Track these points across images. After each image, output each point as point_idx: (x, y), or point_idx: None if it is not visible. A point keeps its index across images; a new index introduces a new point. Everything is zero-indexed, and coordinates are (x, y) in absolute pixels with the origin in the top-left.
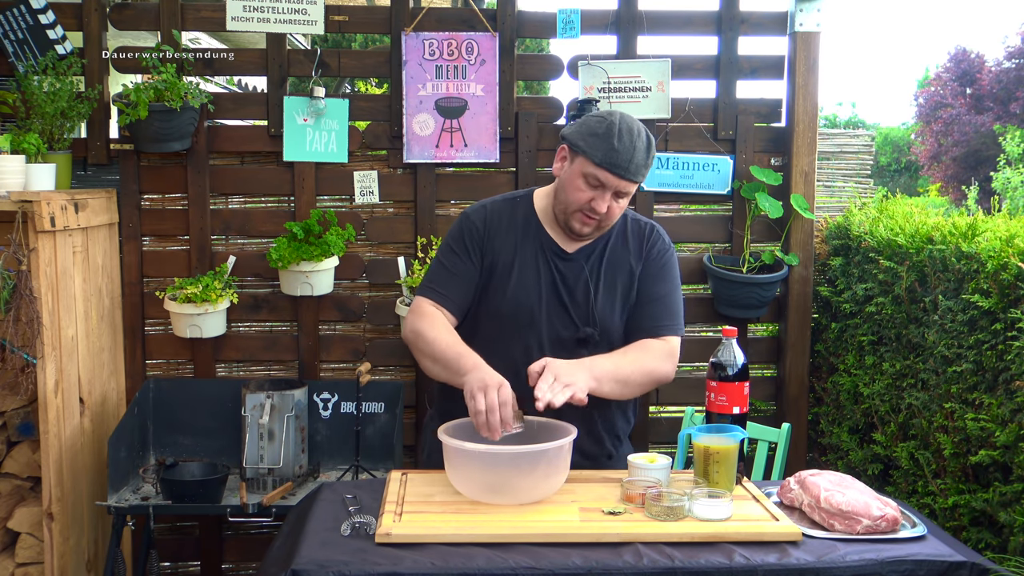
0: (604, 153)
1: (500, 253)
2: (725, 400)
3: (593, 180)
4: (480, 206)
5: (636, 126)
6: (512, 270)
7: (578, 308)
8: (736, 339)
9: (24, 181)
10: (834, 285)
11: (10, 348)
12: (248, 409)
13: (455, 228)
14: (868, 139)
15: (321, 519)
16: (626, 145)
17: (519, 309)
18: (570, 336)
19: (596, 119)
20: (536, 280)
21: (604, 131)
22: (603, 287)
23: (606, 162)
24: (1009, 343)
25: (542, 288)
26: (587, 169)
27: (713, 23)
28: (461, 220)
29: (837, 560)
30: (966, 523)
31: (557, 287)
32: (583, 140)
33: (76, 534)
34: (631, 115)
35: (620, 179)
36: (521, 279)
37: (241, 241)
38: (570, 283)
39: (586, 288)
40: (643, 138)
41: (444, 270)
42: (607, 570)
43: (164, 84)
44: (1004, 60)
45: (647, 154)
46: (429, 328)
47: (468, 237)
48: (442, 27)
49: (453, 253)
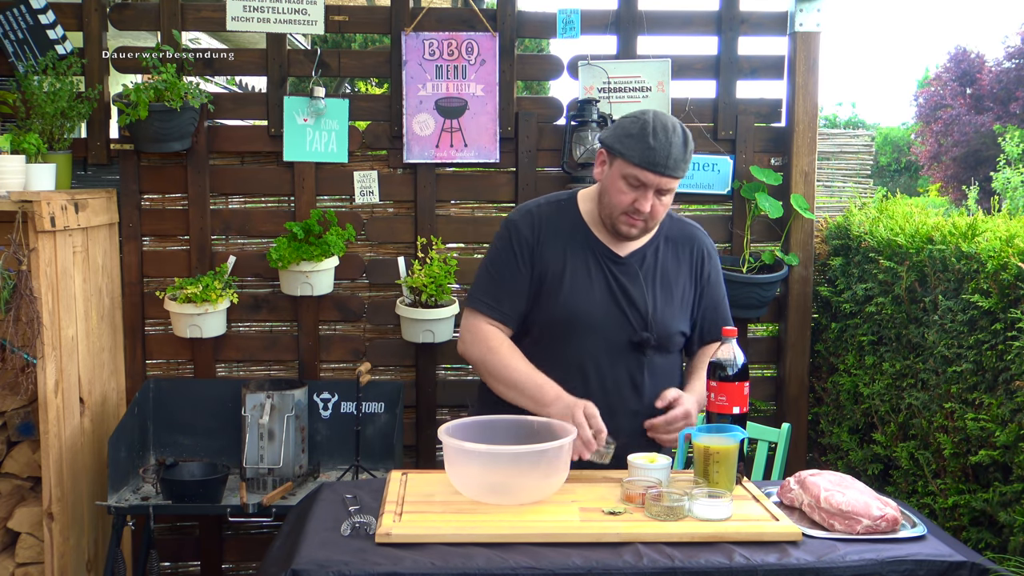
0: (641, 152)
1: (551, 259)
2: (725, 400)
3: (633, 180)
4: (526, 212)
5: (671, 122)
6: (564, 276)
7: (636, 312)
8: (736, 339)
9: (24, 181)
10: (834, 285)
11: (10, 348)
12: (248, 409)
13: (503, 236)
14: (868, 139)
15: (321, 519)
16: (662, 142)
17: (575, 315)
18: (626, 340)
19: (629, 120)
20: (590, 285)
21: (638, 131)
22: (660, 290)
23: (644, 161)
24: (1009, 343)
25: (597, 293)
26: (626, 170)
27: (713, 23)
28: (508, 227)
29: (837, 560)
30: (966, 523)
31: (614, 292)
32: (619, 142)
33: (76, 534)
34: (664, 112)
35: (660, 176)
36: (574, 285)
37: (241, 241)
38: (626, 287)
39: (642, 291)
40: (679, 133)
41: (495, 281)
42: (607, 570)
43: (164, 84)
44: (1004, 60)
45: (684, 148)
46: (497, 355)
47: (518, 245)
48: (442, 27)
49: (503, 263)
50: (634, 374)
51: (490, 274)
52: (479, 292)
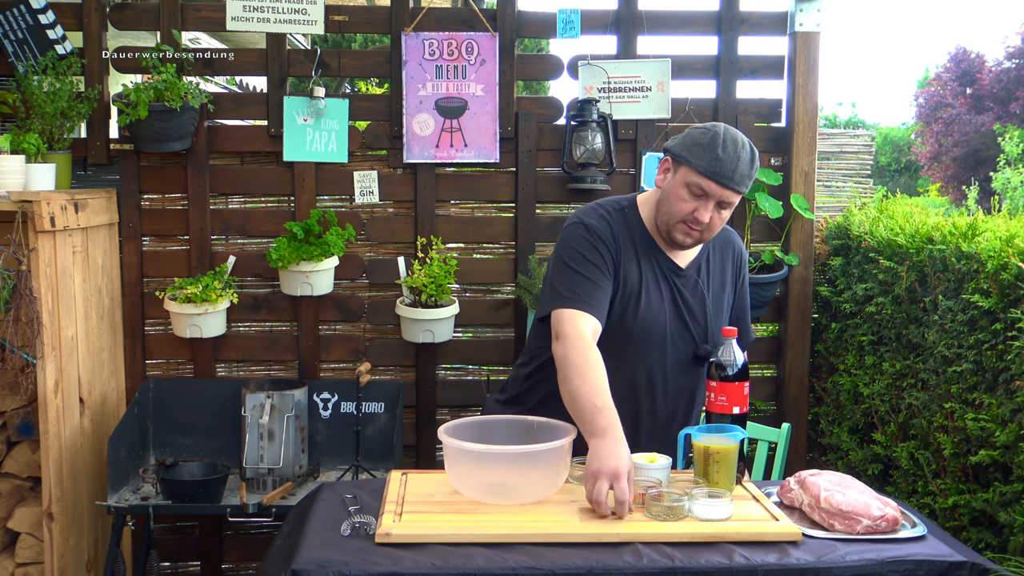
0: (708, 162)
1: (628, 268)
2: (725, 400)
3: (696, 189)
4: (600, 216)
5: (740, 137)
6: (641, 288)
7: (698, 326)
8: (736, 339)
9: (24, 181)
10: (834, 285)
11: (10, 348)
12: (248, 409)
13: (580, 237)
14: (868, 139)
15: (321, 519)
16: (730, 155)
17: (650, 329)
18: (689, 354)
19: (700, 131)
20: (661, 300)
21: (709, 141)
22: (713, 301)
23: (710, 171)
24: (1009, 343)
25: (667, 308)
26: (691, 179)
27: (713, 23)
28: (584, 229)
29: (837, 560)
30: (966, 523)
31: (679, 306)
32: (687, 150)
33: (76, 534)
34: (734, 127)
35: (724, 188)
36: (649, 298)
37: (241, 241)
38: (689, 301)
39: (703, 305)
40: (747, 149)
41: (585, 279)
42: (607, 570)
43: (164, 84)
44: (1004, 60)
45: (751, 165)
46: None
47: (602, 246)
48: (442, 27)
49: (589, 263)
50: (693, 386)
51: (576, 272)
52: (569, 291)
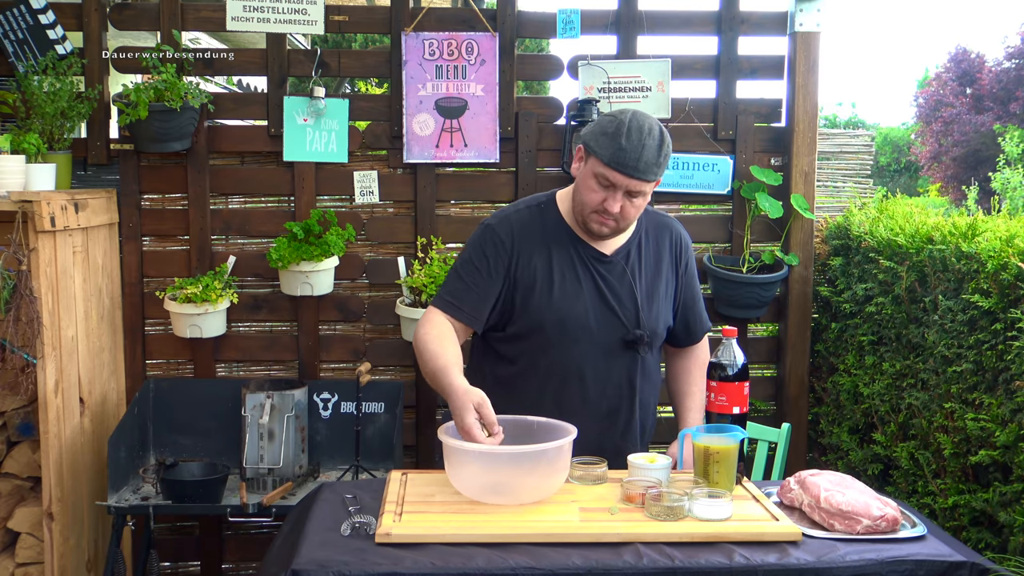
0: (612, 152)
1: (534, 265)
2: (725, 400)
3: (603, 180)
4: (504, 217)
5: (648, 123)
6: (552, 280)
7: (626, 311)
8: (736, 339)
9: (24, 181)
10: (834, 285)
11: (10, 348)
12: (248, 409)
13: (478, 240)
14: (868, 139)
15: (321, 519)
16: (634, 144)
17: (566, 319)
18: (619, 340)
19: (608, 118)
20: (578, 287)
21: (614, 130)
22: (645, 287)
23: (614, 161)
24: (1009, 343)
25: (587, 294)
26: (597, 169)
27: (713, 23)
28: (484, 232)
29: (837, 560)
30: (966, 523)
31: (602, 292)
32: (594, 140)
33: (76, 534)
34: (646, 113)
35: (629, 178)
36: (563, 287)
37: (241, 241)
38: (614, 286)
39: (631, 290)
40: (655, 136)
41: (462, 283)
42: (607, 570)
43: (164, 84)
44: (1004, 60)
45: (659, 152)
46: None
47: (492, 251)
48: (442, 27)
49: (474, 267)
50: (631, 373)
51: (459, 276)
52: (443, 291)
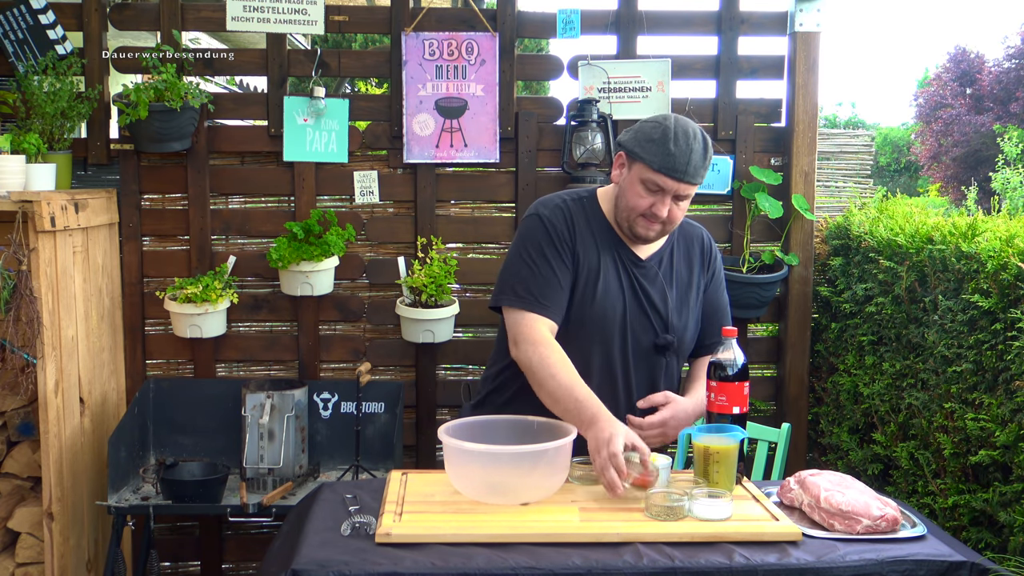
0: (661, 158)
1: (586, 258)
2: (725, 400)
3: (652, 185)
4: (555, 207)
5: (691, 128)
6: (598, 277)
7: (658, 315)
8: (736, 339)
9: (24, 181)
10: (834, 285)
11: (10, 348)
12: (248, 409)
13: (538, 229)
14: (868, 139)
15: (321, 519)
16: (682, 148)
17: (606, 318)
18: (650, 344)
19: (651, 124)
20: (619, 288)
21: (660, 136)
22: (677, 292)
23: (664, 167)
24: (1009, 343)
25: (626, 296)
26: (645, 175)
27: (713, 23)
28: (542, 221)
29: (837, 560)
30: (966, 523)
31: (638, 295)
32: (639, 146)
33: (76, 534)
34: (685, 118)
35: (679, 182)
36: (606, 286)
37: (241, 241)
38: (649, 290)
39: (663, 295)
40: (699, 139)
41: (541, 278)
42: (607, 570)
43: (164, 84)
44: (1004, 60)
45: (704, 155)
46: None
47: (558, 239)
48: (442, 27)
49: (545, 257)
50: (655, 377)
51: (531, 269)
52: (522, 289)
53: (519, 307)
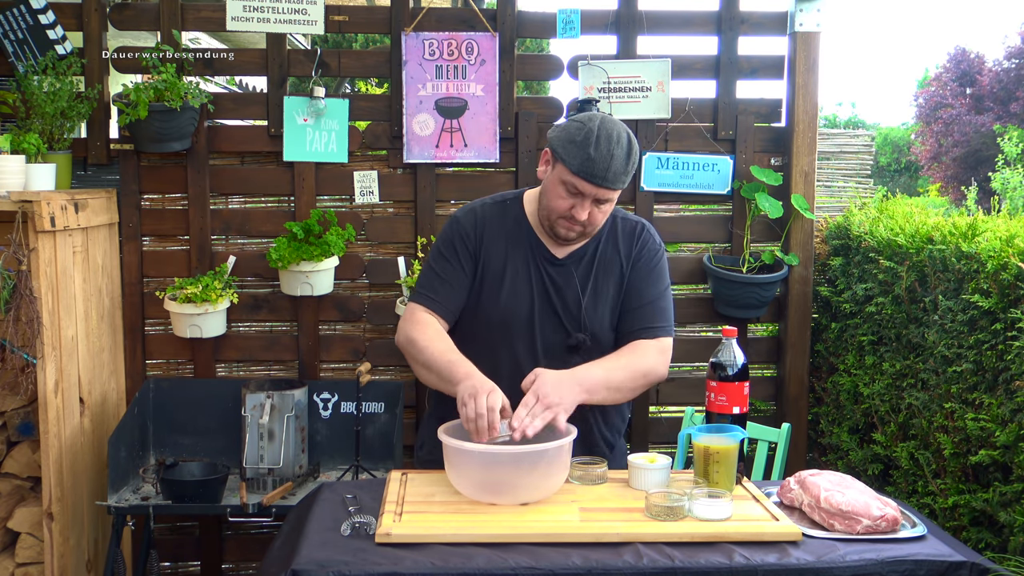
0: (581, 162)
1: (492, 259)
2: (725, 400)
3: (571, 188)
4: (470, 209)
5: (616, 131)
6: (504, 276)
7: (569, 315)
8: (736, 339)
9: (24, 181)
10: (834, 285)
11: (10, 348)
12: (248, 409)
13: (445, 232)
14: (868, 139)
15: (321, 519)
16: (603, 153)
17: (512, 316)
18: (561, 343)
19: (576, 124)
20: (528, 287)
21: (582, 139)
22: (592, 292)
23: (583, 171)
24: (1009, 343)
25: (534, 295)
26: (565, 177)
27: (713, 23)
28: (451, 224)
29: (837, 560)
30: (966, 523)
31: (548, 294)
32: (562, 147)
33: (76, 534)
34: (614, 119)
35: (597, 188)
36: (513, 286)
37: (241, 241)
38: (561, 289)
39: (576, 294)
40: (623, 145)
41: (435, 276)
42: (607, 570)
43: (164, 84)
44: (1004, 60)
45: (627, 161)
46: (421, 335)
47: (459, 242)
48: (442, 27)
49: (444, 259)
50: None
51: (432, 269)
52: (419, 286)
53: (411, 300)
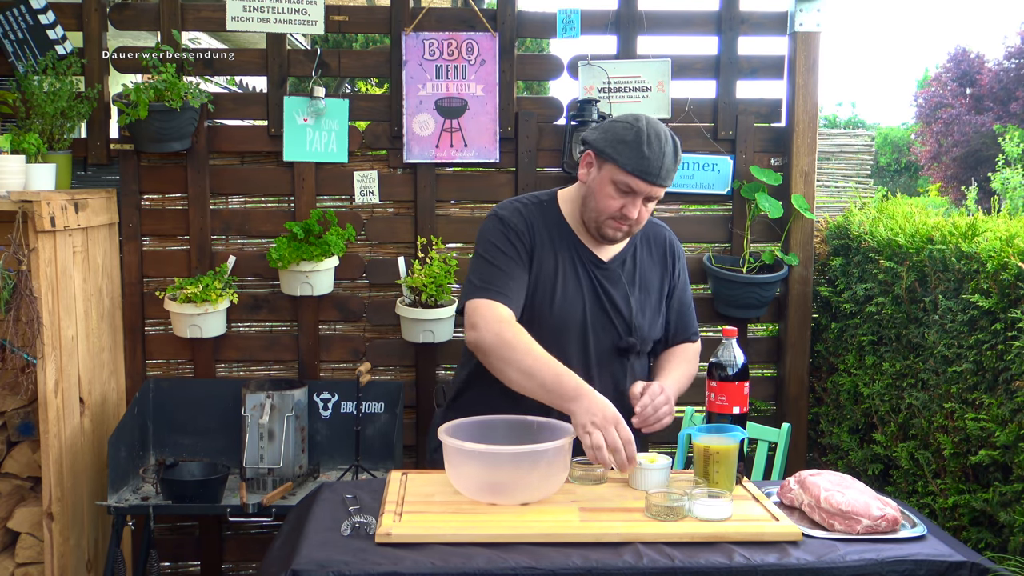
0: (635, 161)
1: (543, 260)
2: (725, 400)
3: (624, 187)
4: (514, 209)
5: (663, 130)
6: (556, 279)
7: (620, 318)
8: (736, 339)
9: (24, 181)
10: (834, 285)
11: (10, 348)
12: (248, 409)
13: (495, 228)
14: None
15: (321, 519)
16: (656, 151)
17: (566, 320)
18: (612, 346)
19: (622, 125)
20: (579, 290)
21: (633, 138)
22: (640, 294)
23: (638, 170)
24: (1009, 343)
25: (586, 298)
26: (617, 176)
27: (713, 23)
28: (498, 222)
29: (837, 560)
30: (966, 523)
31: (600, 297)
32: (611, 147)
33: (76, 534)
34: (653, 118)
35: (651, 185)
36: (565, 289)
37: (241, 241)
38: (611, 293)
39: (626, 297)
40: (670, 142)
41: (498, 270)
42: (607, 570)
43: (164, 84)
44: (1004, 60)
45: (675, 158)
46: (516, 337)
47: (515, 239)
48: (442, 27)
49: (503, 254)
50: (618, 380)
51: (492, 265)
52: (482, 282)
53: (477, 296)
